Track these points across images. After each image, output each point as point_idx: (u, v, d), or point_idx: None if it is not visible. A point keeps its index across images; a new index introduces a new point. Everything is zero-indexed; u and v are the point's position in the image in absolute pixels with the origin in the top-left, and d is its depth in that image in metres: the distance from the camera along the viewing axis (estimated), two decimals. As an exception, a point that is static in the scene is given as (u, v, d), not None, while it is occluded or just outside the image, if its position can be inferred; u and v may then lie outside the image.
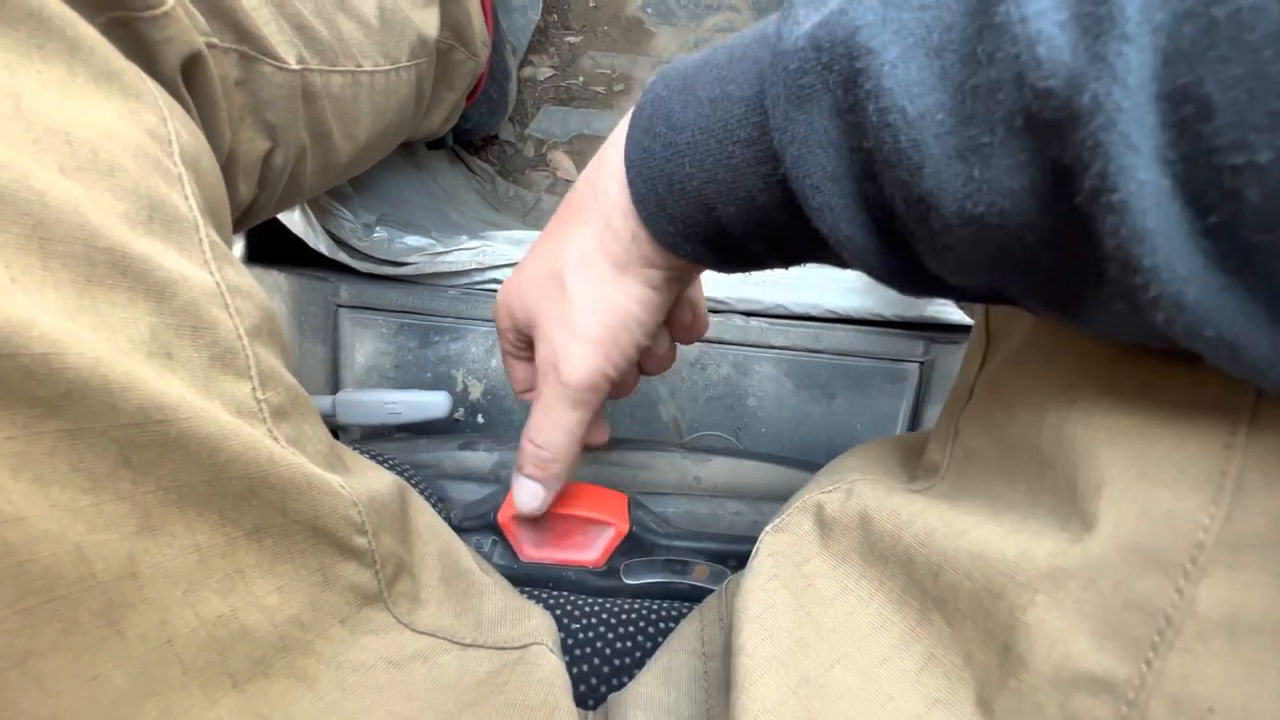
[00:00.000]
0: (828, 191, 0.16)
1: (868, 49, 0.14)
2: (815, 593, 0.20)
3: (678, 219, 0.21)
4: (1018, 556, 0.15)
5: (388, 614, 0.21)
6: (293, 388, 0.19)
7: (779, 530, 0.23)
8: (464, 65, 0.50)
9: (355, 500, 0.19)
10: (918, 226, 0.15)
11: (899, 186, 0.15)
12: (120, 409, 0.13)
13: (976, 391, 0.20)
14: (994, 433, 0.19)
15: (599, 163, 0.23)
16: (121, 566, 0.13)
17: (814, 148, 0.16)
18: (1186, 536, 0.13)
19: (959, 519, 0.17)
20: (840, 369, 0.49)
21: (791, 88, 0.16)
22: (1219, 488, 0.13)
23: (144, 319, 0.15)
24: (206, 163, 0.19)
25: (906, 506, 0.19)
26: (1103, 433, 0.15)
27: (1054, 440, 0.16)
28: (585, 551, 0.33)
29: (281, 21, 0.28)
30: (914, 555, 0.18)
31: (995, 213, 0.13)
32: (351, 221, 0.46)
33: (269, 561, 0.17)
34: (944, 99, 0.13)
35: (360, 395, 0.42)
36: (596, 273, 0.23)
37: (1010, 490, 0.17)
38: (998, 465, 0.18)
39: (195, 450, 0.15)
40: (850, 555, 0.20)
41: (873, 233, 0.17)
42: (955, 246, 0.15)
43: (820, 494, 0.22)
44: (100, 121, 0.15)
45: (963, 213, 0.14)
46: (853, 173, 0.16)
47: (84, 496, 0.13)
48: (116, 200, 0.15)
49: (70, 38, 0.15)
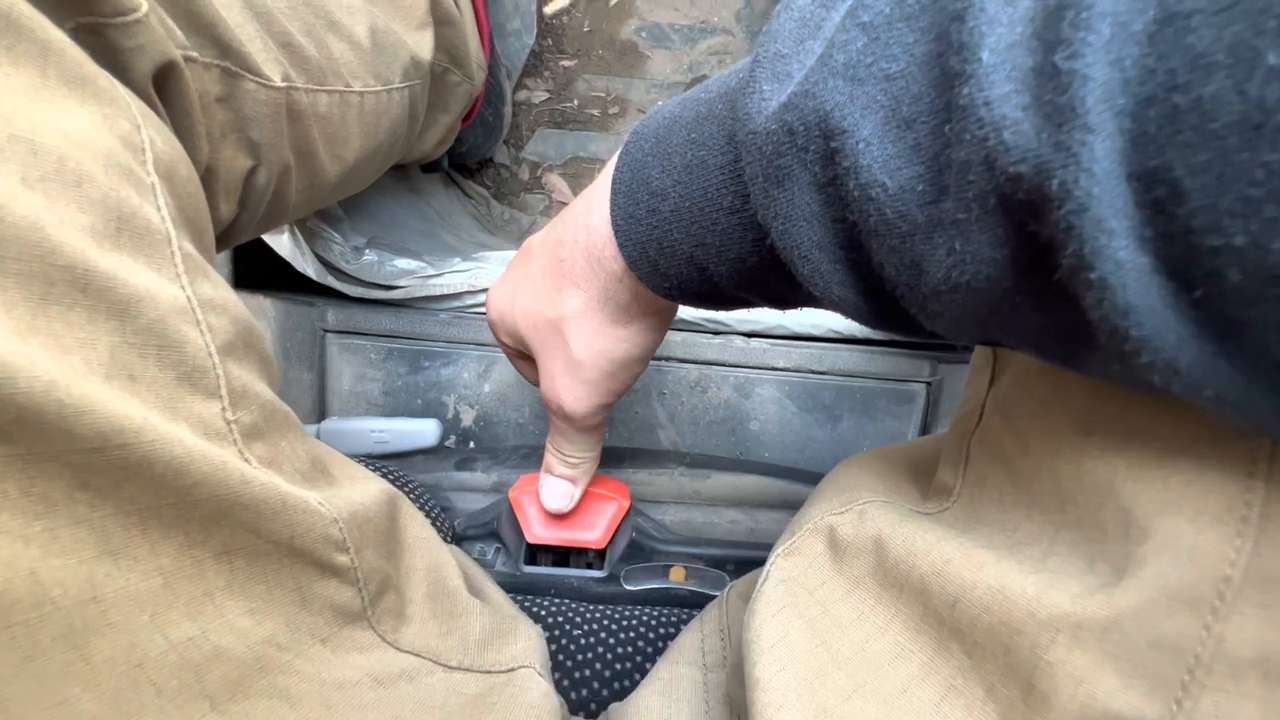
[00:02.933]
0: (816, 260, 0.16)
1: (840, 129, 0.14)
2: (830, 619, 0.20)
3: (672, 278, 0.21)
4: (1038, 593, 0.15)
5: (372, 632, 0.20)
6: (269, 404, 0.18)
7: (791, 553, 0.22)
8: (459, 88, 0.49)
9: (335, 517, 0.18)
10: (908, 291, 0.15)
11: (888, 254, 0.15)
12: (76, 434, 0.13)
13: (986, 413, 0.20)
14: (1007, 461, 0.18)
15: (587, 231, 0.23)
16: (81, 591, 0.13)
17: (798, 221, 0.16)
18: (1213, 572, 0.13)
19: (976, 552, 0.17)
20: (845, 391, 0.47)
21: (769, 168, 0.16)
22: (1243, 519, 0.12)
23: (103, 339, 0.14)
24: (183, 171, 0.18)
25: (921, 534, 0.19)
26: (1123, 467, 0.14)
27: (1073, 474, 0.15)
28: (590, 530, 0.35)
29: (267, 39, 0.27)
30: (929, 584, 0.18)
31: (981, 279, 0.13)
32: (341, 244, 0.45)
33: (240, 583, 0.16)
34: (921, 170, 0.14)
35: (346, 424, 0.40)
36: (597, 327, 0.24)
37: (1027, 522, 0.17)
38: (1012, 494, 0.18)
39: (159, 473, 0.14)
40: (864, 580, 0.20)
41: (864, 293, 0.17)
42: (946, 311, 0.15)
43: (832, 516, 0.22)
44: (70, 128, 0.14)
45: (949, 280, 0.14)
46: (839, 241, 0.16)
47: (36, 522, 0.13)
48: (82, 213, 0.14)
49: (42, 40, 0.14)
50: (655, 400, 0.47)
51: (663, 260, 0.21)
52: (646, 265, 0.21)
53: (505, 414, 0.47)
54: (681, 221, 0.19)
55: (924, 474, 0.23)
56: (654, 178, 0.20)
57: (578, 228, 0.23)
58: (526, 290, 0.26)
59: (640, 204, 0.20)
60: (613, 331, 0.24)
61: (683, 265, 0.20)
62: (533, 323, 0.26)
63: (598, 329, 0.24)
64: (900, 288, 0.15)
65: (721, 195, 0.18)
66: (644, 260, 0.21)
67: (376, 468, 0.35)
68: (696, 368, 0.47)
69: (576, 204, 0.24)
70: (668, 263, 0.21)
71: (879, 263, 0.15)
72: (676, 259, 0.20)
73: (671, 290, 0.22)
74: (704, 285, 0.21)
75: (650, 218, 0.20)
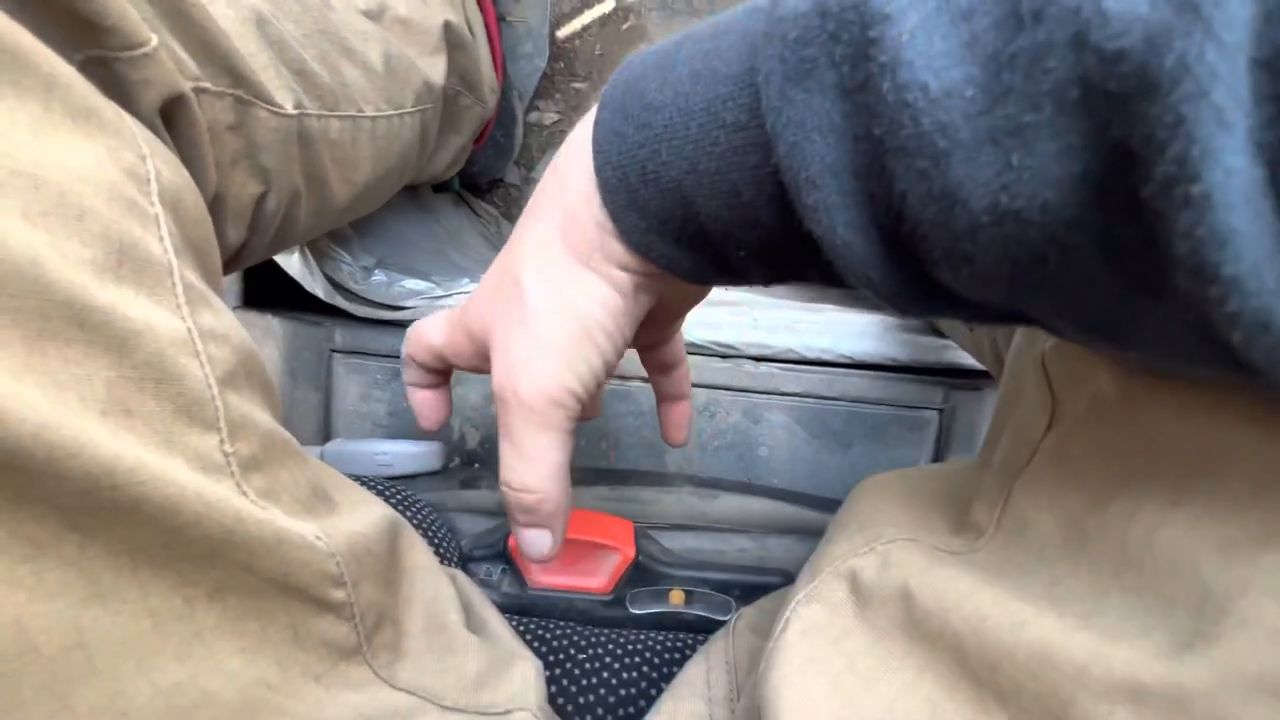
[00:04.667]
0: (826, 187, 0.14)
1: (883, 14, 0.12)
2: (856, 675, 0.18)
3: (651, 214, 0.18)
4: (1087, 660, 0.14)
5: (367, 668, 0.19)
6: (269, 433, 0.18)
7: (811, 600, 0.21)
8: (471, 111, 0.50)
9: (333, 552, 0.18)
10: (933, 230, 0.13)
11: (915, 180, 0.13)
12: (65, 476, 0.13)
13: (1040, 458, 0.18)
14: (1061, 512, 0.17)
15: (566, 148, 0.20)
16: (67, 638, 0.13)
17: (812, 134, 0.14)
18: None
19: (1013, 604, 0.16)
20: (856, 417, 0.46)
21: (790, 61, 0.14)
22: None
23: (100, 374, 0.14)
24: (189, 199, 0.18)
25: (952, 583, 0.17)
26: (1211, 544, 0.13)
27: (1144, 541, 0.14)
28: (592, 578, 0.33)
29: (280, 67, 0.27)
30: (965, 643, 0.16)
31: (1036, 207, 0.11)
32: (350, 264, 0.45)
33: (232, 622, 0.16)
34: (974, 72, 0.11)
35: (349, 446, 0.40)
36: (555, 268, 0.20)
37: (1073, 577, 0.16)
38: (1060, 546, 0.16)
39: (151, 514, 0.14)
40: (892, 630, 0.19)
41: (874, 239, 0.14)
42: (978, 254, 0.13)
43: (855, 558, 0.21)
44: (73, 162, 0.15)
45: (995, 208, 0.12)
46: (856, 167, 0.14)
47: (23, 565, 0.12)
48: (84, 246, 0.14)
49: (47, 74, 0.14)
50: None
51: (644, 189, 0.18)
52: (624, 195, 0.18)
53: (511, 436, 0.46)
54: (675, 140, 0.17)
55: (952, 504, 0.22)
56: (650, 90, 0.17)
57: (559, 154, 0.20)
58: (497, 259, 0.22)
59: (630, 118, 0.18)
60: (574, 276, 0.20)
61: (666, 197, 0.17)
62: (489, 285, 0.22)
63: (557, 272, 0.20)
64: (923, 226, 0.13)
65: (727, 108, 0.16)
66: (622, 189, 0.18)
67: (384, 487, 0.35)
68: (705, 392, 0.46)
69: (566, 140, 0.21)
70: (649, 193, 0.18)
71: (900, 193, 0.13)
72: (660, 188, 0.17)
73: (647, 233, 0.18)
74: (685, 226, 0.18)
75: (639, 134, 0.17)
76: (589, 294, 0.20)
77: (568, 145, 0.20)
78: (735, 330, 0.46)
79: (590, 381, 0.21)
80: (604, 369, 0.21)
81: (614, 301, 0.20)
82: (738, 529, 0.41)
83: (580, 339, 0.20)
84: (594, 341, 0.20)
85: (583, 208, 0.19)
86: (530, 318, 0.20)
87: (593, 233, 0.19)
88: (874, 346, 0.47)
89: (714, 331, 0.46)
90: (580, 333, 0.20)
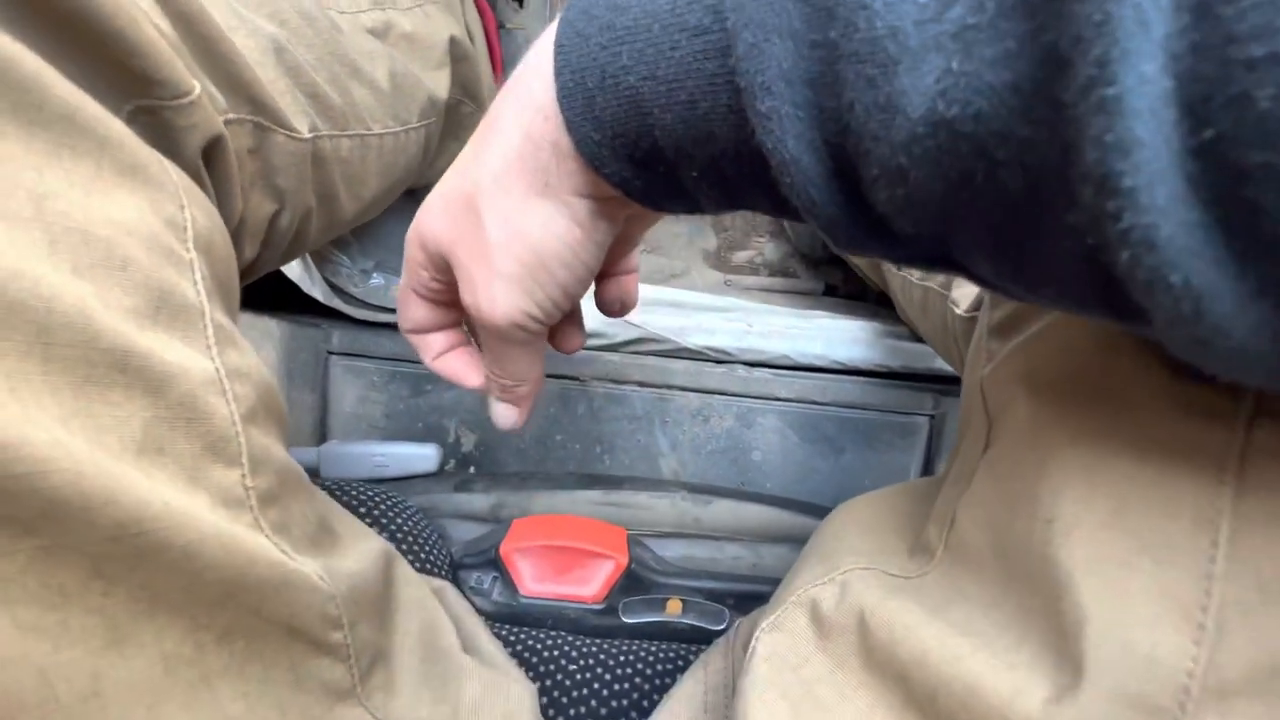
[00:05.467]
0: (779, 94, 0.14)
1: None
2: (814, 701, 0.20)
3: (606, 124, 0.18)
4: (1011, 696, 0.15)
5: (361, 709, 0.20)
6: (284, 467, 0.19)
7: (775, 629, 0.22)
8: (472, 118, 0.50)
9: (333, 594, 0.18)
10: (874, 144, 0.13)
11: (864, 88, 0.13)
12: (97, 524, 0.13)
13: (976, 479, 0.19)
14: (990, 532, 0.18)
15: (528, 59, 0.20)
16: (85, 686, 0.13)
17: (771, 35, 0.14)
18: (1171, 681, 0.13)
19: (953, 639, 0.17)
20: (848, 422, 0.47)
21: None
22: (1199, 626, 0.13)
23: (137, 415, 0.15)
24: (219, 240, 0.19)
25: (899, 617, 0.19)
26: (1081, 561, 0.14)
27: (1041, 558, 0.16)
28: (585, 586, 0.34)
29: (296, 92, 0.28)
30: (910, 674, 0.18)
31: (969, 116, 0.12)
32: (349, 268, 0.45)
33: (239, 665, 0.16)
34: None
35: (346, 448, 0.40)
36: (512, 198, 0.20)
37: (1004, 601, 0.17)
38: (993, 569, 0.18)
39: (173, 559, 0.14)
40: (848, 660, 0.20)
41: (820, 157, 0.15)
42: (913, 169, 0.13)
43: (815, 588, 0.22)
44: (119, 216, 0.16)
45: (932, 115, 0.12)
46: (809, 74, 0.14)
47: (51, 614, 0.13)
48: (126, 295, 0.15)
49: (101, 136, 0.15)
50: (657, 428, 0.47)
51: (600, 96, 0.18)
52: (581, 100, 0.18)
53: (506, 439, 0.47)
54: (636, 43, 0.17)
55: (912, 525, 0.23)
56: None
57: (519, 68, 0.20)
58: (453, 167, 0.22)
59: (594, 20, 0.18)
60: (529, 205, 0.20)
61: (622, 106, 0.17)
62: (448, 203, 0.22)
63: (513, 202, 0.20)
64: (866, 140, 0.14)
65: (691, 9, 0.16)
66: (579, 93, 0.18)
67: (376, 494, 0.35)
68: (699, 396, 0.47)
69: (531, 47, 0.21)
70: (605, 100, 0.18)
71: (849, 102, 0.13)
72: (618, 95, 0.17)
73: (600, 147, 0.18)
74: (639, 142, 0.18)
75: (601, 35, 0.17)
76: (547, 226, 0.20)
77: (530, 55, 0.20)
78: (730, 336, 0.47)
79: (550, 308, 0.21)
80: (564, 297, 0.22)
81: (572, 233, 0.20)
82: (731, 536, 0.41)
83: (538, 269, 0.20)
84: (551, 273, 0.21)
85: (540, 126, 0.19)
86: (488, 248, 0.20)
87: (548, 155, 0.19)
88: (866, 353, 0.48)
89: (709, 337, 0.47)
90: (538, 264, 0.20)
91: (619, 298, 0.27)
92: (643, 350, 0.47)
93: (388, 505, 0.34)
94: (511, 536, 0.35)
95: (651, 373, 0.46)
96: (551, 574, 0.34)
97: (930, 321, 0.40)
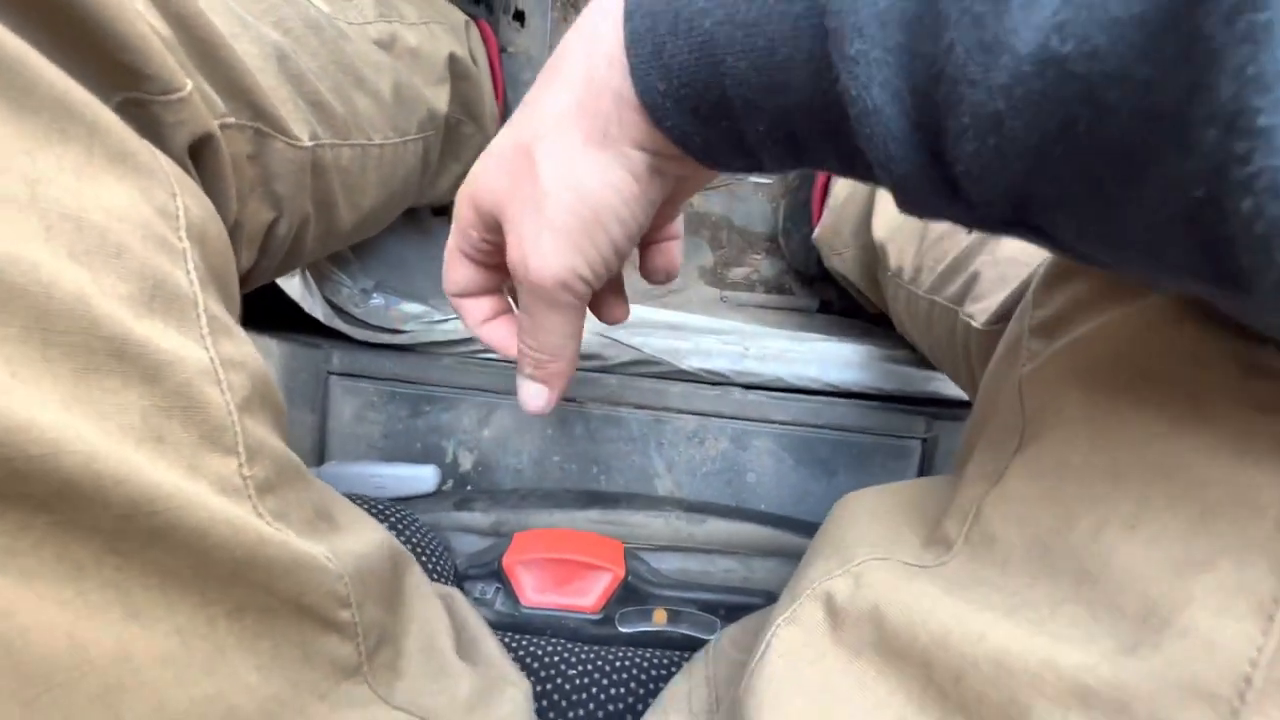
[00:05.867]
0: (870, 38, 0.14)
1: None
2: (831, 694, 0.19)
3: (673, 73, 0.17)
4: (1040, 666, 0.15)
5: (367, 687, 0.20)
6: (280, 456, 0.19)
7: (791, 623, 0.22)
8: (472, 139, 0.51)
9: (341, 573, 0.19)
10: (970, 89, 0.12)
11: (969, 26, 0.12)
12: (111, 503, 0.13)
13: (1010, 477, 0.19)
14: (1028, 528, 0.18)
15: (591, 10, 0.19)
16: (115, 650, 0.14)
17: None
18: (1233, 669, 0.12)
19: (973, 617, 0.17)
20: (842, 444, 0.47)
21: None
22: (1269, 618, 0.12)
23: (135, 404, 0.15)
24: (214, 230, 0.19)
25: (918, 601, 0.18)
26: (1162, 564, 0.14)
27: (1102, 558, 0.15)
28: (584, 597, 0.35)
29: (298, 100, 0.28)
30: (932, 658, 0.17)
31: (1085, 54, 0.11)
32: (350, 287, 0.46)
33: (250, 640, 0.16)
34: None
35: (345, 469, 0.41)
36: (569, 146, 0.19)
37: (1031, 589, 0.17)
38: (1022, 560, 0.17)
39: (183, 537, 0.15)
40: (864, 650, 0.19)
41: (907, 107, 0.14)
42: (1009, 115, 0.12)
43: (829, 580, 0.22)
44: (112, 203, 0.15)
45: (1044, 52, 0.11)
46: (907, 15, 0.13)
47: (69, 586, 0.13)
48: (121, 282, 0.15)
49: (90, 121, 0.15)
50: (653, 450, 0.48)
51: (672, 41, 0.17)
52: (650, 46, 0.17)
53: (504, 460, 0.47)
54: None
55: (924, 519, 0.23)
56: None
57: (586, 10, 0.19)
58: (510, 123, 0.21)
59: None
60: (587, 155, 0.19)
61: (694, 52, 0.17)
62: (502, 155, 0.21)
63: (571, 152, 0.19)
64: (961, 85, 0.13)
65: None
66: (649, 38, 0.17)
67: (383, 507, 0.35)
68: (694, 418, 0.47)
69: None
70: (676, 46, 0.17)
71: (949, 42, 0.13)
72: (690, 40, 0.17)
73: (664, 98, 0.18)
74: (706, 94, 0.17)
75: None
76: (603, 177, 0.19)
77: (596, 1, 0.19)
78: (726, 359, 0.47)
79: (600, 267, 0.21)
80: (614, 255, 0.21)
81: (628, 186, 0.20)
82: (724, 550, 0.42)
83: (591, 223, 0.20)
84: (604, 227, 0.20)
85: (604, 71, 0.18)
86: (541, 198, 0.20)
87: (609, 104, 0.19)
88: (860, 376, 0.48)
89: (705, 360, 0.47)
90: (592, 217, 0.20)
91: (664, 266, 0.26)
92: (640, 372, 0.47)
93: (398, 518, 0.35)
94: (514, 549, 0.36)
95: (648, 395, 0.47)
96: (552, 585, 0.35)
97: (935, 336, 0.40)
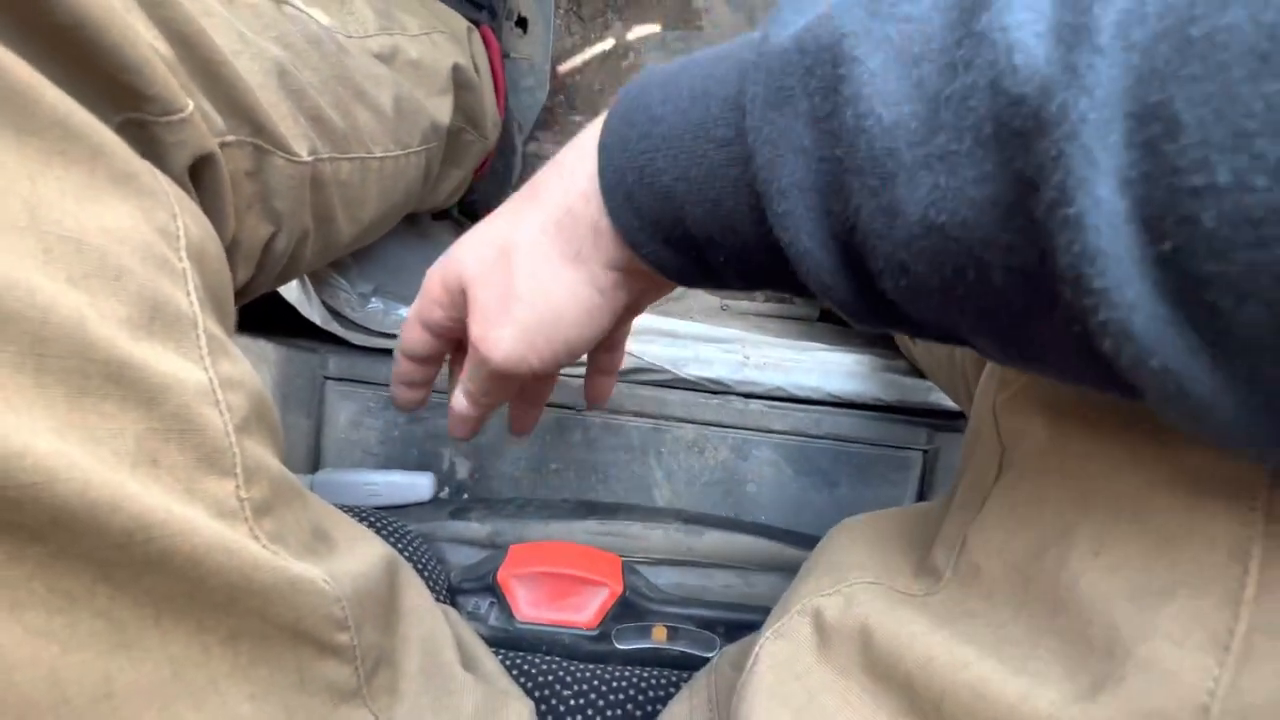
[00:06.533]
0: (793, 199, 0.16)
1: (851, 57, 0.15)
2: (817, 709, 0.20)
3: (644, 214, 0.20)
4: (1018, 701, 0.15)
5: (366, 711, 0.20)
6: (278, 476, 0.18)
7: (779, 637, 0.22)
8: (473, 146, 0.51)
9: (339, 596, 0.18)
10: (879, 241, 0.15)
11: (867, 196, 0.15)
12: (105, 532, 0.13)
13: (990, 505, 0.20)
14: (1006, 557, 0.18)
15: (572, 147, 0.23)
16: (96, 687, 0.13)
17: (785, 152, 0.16)
18: (1191, 700, 0.13)
19: (960, 648, 0.17)
20: (842, 455, 0.47)
21: (771, 88, 0.17)
22: (1225, 649, 0.13)
23: (131, 428, 0.15)
24: (212, 250, 0.19)
25: (906, 626, 0.19)
26: (1124, 590, 0.15)
27: (1071, 586, 0.16)
28: (580, 612, 0.34)
29: (298, 115, 0.28)
30: (915, 681, 0.18)
31: (957, 223, 0.13)
32: (348, 292, 0.45)
33: (245, 667, 0.16)
34: (918, 108, 0.14)
35: (339, 476, 0.40)
36: (545, 260, 0.22)
37: (1014, 623, 0.17)
38: (1006, 592, 0.18)
39: (178, 565, 0.14)
40: (851, 668, 0.20)
41: (832, 250, 0.17)
42: (913, 263, 0.15)
43: (820, 597, 0.22)
44: (113, 224, 0.16)
45: (925, 221, 0.14)
46: (819, 184, 0.16)
47: (58, 617, 0.13)
48: (120, 305, 0.15)
49: (93, 143, 0.15)
50: (652, 459, 0.47)
51: (639, 191, 0.20)
52: (621, 194, 0.20)
53: (501, 468, 0.46)
54: (670, 150, 0.19)
55: (916, 547, 0.23)
56: (654, 104, 0.20)
57: (564, 150, 0.23)
58: (487, 223, 0.25)
59: (634, 127, 0.20)
60: (561, 270, 0.22)
61: (658, 201, 0.20)
62: (480, 246, 0.24)
63: (546, 261, 0.22)
64: (871, 238, 0.15)
65: (717, 125, 0.18)
66: (619, 188, 0.20)
67: (376, 518, 0.35)
68: (694, 428, 0.47)
69: (573, 140, 0.23)
70: (643, 196, 0.20)
71: (855, 207, 0.15)
72: (654, 192, 0.20)
73: (639, 231, 0.21)
74: (674, 229, 0.20)
75: (640, 142, 0.20)
76: (569, 290, 0.22)
77: (574, 146, 0.23)
78: (727, 368, 0.47)
79: (551, 361, 0.24)
80: (568, 354, 0.24)
81: (592, 300, 0.23)
82: (723, 564, 0.41)
83: (551, 327, 0.23)
84: (562, 331, 0.23)
85: (581, 207, 0.22)
86: (513, 299, 0.23)
87: (585, 231, 0.22)
88: (861, 387, 0.48)
89: (706, 368, 0.47)
90: (553, 321, 0.23)
91: (595, 398, 0.31)
92: (639, 380, 0.47)
93: (389, 531, 0.34)
94: (509, 563, 0.35)
95: (647, 403, 0.46)
96: (547, 600, 0.34)
97: (934, 354, 0.41)
